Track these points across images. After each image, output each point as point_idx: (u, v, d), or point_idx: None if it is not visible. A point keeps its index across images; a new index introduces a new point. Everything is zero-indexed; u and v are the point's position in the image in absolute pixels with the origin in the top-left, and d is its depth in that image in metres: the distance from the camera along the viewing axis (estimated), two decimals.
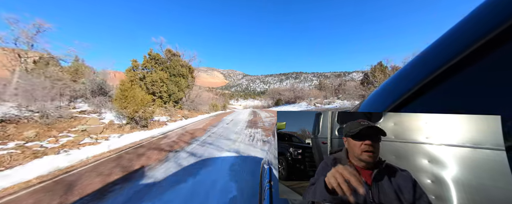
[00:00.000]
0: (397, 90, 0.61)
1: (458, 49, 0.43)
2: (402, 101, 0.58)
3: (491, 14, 0.39)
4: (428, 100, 0.51)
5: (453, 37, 0.47)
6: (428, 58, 0.53)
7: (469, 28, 0.43)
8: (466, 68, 0.42)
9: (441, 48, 0.49)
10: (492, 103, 0.38)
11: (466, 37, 0.43)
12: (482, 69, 0.40)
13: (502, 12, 0.36)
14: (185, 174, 3.87)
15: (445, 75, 0.46)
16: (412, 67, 0.59)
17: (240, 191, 3.12)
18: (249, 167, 4.14)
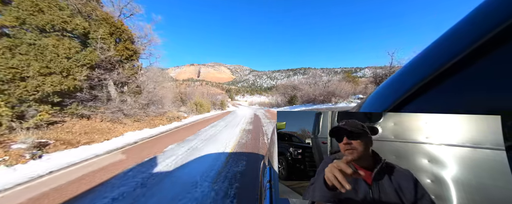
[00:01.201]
0: (397, 90, 0.61)
1: (457, 49, 0.43)
2: (402, 101, 0.58)
3: (491, 13, 0.39)
4: (428, 100, 0.51)
5: (453, 37, 0.47)
6: (428, 58, 0.53)
7: (469, 27, 0.43)
8: (466, 68, 0.42)
9: (440, 48, 0.49)
10: (492, 103, 0.38)
11: (466, 37, 0.43)
12: (482, 69, 0.40)
13: (502, 12, 0.36)
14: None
15: (445, 75, 0.46)
16: (412, 67, 0.59)
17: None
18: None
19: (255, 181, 3.61)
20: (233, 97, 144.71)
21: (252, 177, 3.82)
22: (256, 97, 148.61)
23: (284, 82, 54.93)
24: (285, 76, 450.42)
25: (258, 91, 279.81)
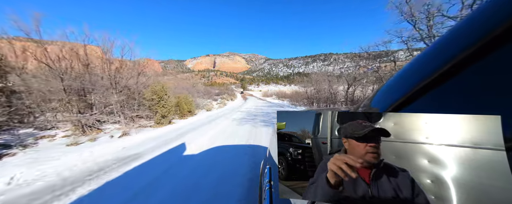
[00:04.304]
0: (397, 90, 0.61)
1: (458, 49, 0.43)
2: (402, 101, 0.58)
3: (491, 13, 0.39)
4: (428, 100, 0.51)
5: (453, 37, 0.47)
6: (428, 58, 0.53)
7: (469, 27, 0.43)
8: (466, 68, 0.42)
9: (441, 48, 0.49)
10: (492, 103, 0.38)
11: (466, 37, 0.42)
12: (482, 69, 0.40)
13: (502, 12, 0.36)
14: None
15: (445, 75, 0.46)
16: (412, 68, 0.59)
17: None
18: None
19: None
20: (246, 87, 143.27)
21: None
22: (272, 86, 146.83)
23: (301, 70, 46.82)
24: (303, 63, 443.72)
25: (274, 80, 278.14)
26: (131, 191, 3.31)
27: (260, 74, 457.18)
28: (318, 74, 23.41)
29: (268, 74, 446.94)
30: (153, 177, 3.83)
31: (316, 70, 56.26)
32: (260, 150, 5.43)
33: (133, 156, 5.18)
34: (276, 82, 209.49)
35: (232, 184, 3.49)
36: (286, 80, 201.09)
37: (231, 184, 3.49)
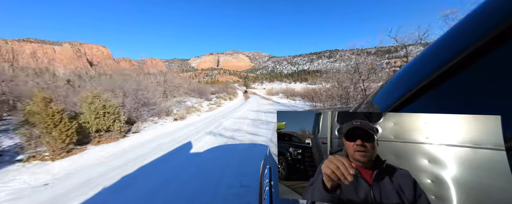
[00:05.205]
0: (397, 90, 0.61)
1: (458, 48, 0.43)
2: (402, 101, 0.58)
3: (491, 13, 0.39)
4: (428, 100, 0.51)
5: (453, 37, 0.47)
6: (428, 58, 0.53)
7: (469, 27, 0.43)
8: (466, 68, 0.42)
9: (442, 48, 0.49)
10: (492, 103, 0.38)
11: (466, 37, 0.42)
12: (482, 69, 0.40)
13: (503, 12, 0.36)
14: None
15: (445, 75, 0.46)
16: (412, 68, 0.59)
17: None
18: None
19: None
20: (249, 85, 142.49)
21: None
22: (276, 84, 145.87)
23: (306, 67, 44.79)
24: (308, 60, 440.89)
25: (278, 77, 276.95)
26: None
27: (264, 72, 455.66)
28: (339, 70, 17.77)
29: (272, 72, 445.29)
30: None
31: (321, 68, 53.43)
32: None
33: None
34: (281, 80, 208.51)
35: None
36: (290, 77, 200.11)
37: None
